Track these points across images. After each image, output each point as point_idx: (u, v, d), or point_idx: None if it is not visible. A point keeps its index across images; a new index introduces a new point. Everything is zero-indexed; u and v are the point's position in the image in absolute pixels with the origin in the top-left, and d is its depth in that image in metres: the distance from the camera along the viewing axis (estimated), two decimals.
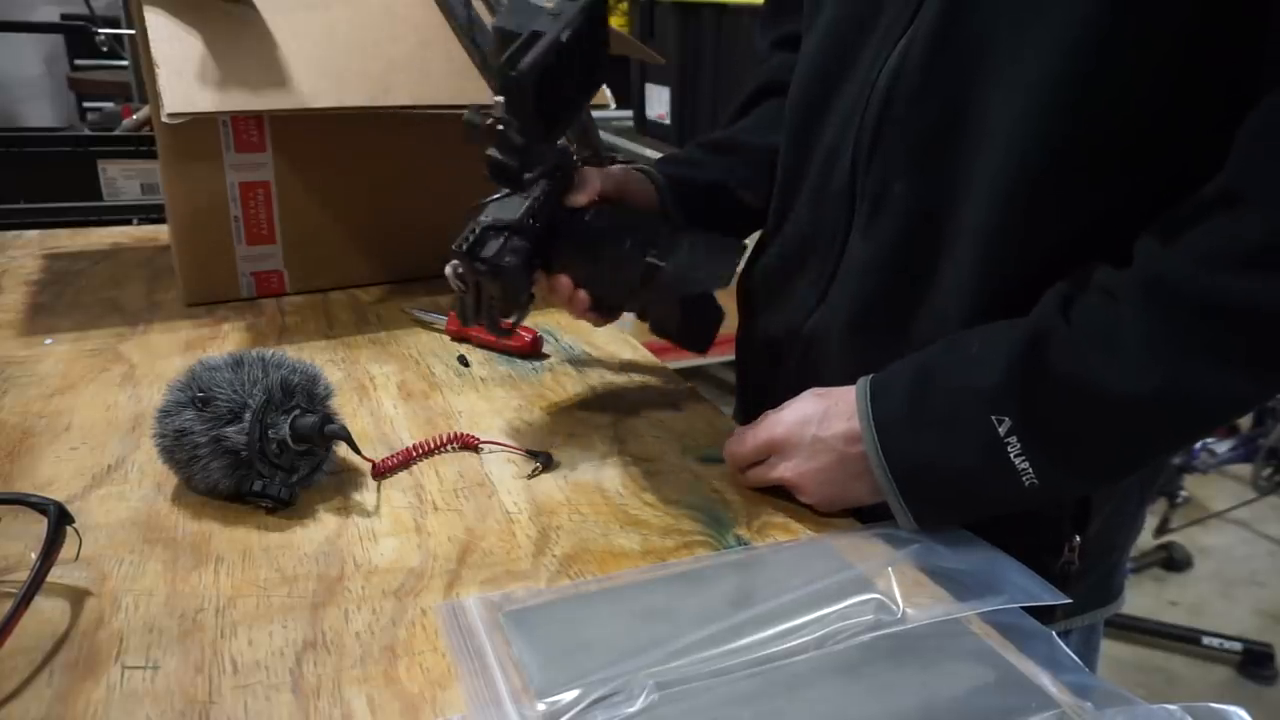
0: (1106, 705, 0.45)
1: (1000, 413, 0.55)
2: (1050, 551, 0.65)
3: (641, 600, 0.53)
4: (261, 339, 0.89)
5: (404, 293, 1.03)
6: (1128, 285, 0.54)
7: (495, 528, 0.60)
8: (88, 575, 0.54)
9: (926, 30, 0.60)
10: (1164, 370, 0.52)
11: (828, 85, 0.69)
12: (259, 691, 0.46)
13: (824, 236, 0.69)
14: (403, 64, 0.90)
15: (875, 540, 0.60)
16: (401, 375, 0.83)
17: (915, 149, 0.62)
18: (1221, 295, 0.50)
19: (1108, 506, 0.67)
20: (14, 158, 1.43)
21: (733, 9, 2.14)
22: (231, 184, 0.94)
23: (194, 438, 0.58)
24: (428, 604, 0.52)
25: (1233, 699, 0.97)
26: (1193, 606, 2.24)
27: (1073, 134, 0.56)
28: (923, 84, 0.61)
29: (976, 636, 0.51)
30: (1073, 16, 0.54)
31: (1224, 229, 0.51)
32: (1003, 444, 0.55)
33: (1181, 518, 2.48)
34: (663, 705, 0.44)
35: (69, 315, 0.92)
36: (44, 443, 0.68)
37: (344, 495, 0.63)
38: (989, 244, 0.59)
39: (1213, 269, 0.51)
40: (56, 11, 3.51)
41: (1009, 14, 0.56)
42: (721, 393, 2.81)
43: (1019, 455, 0.55)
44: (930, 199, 0.62)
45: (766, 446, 0.64)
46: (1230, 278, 0.50)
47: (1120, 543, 0.72)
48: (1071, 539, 0.65)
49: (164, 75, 0.81)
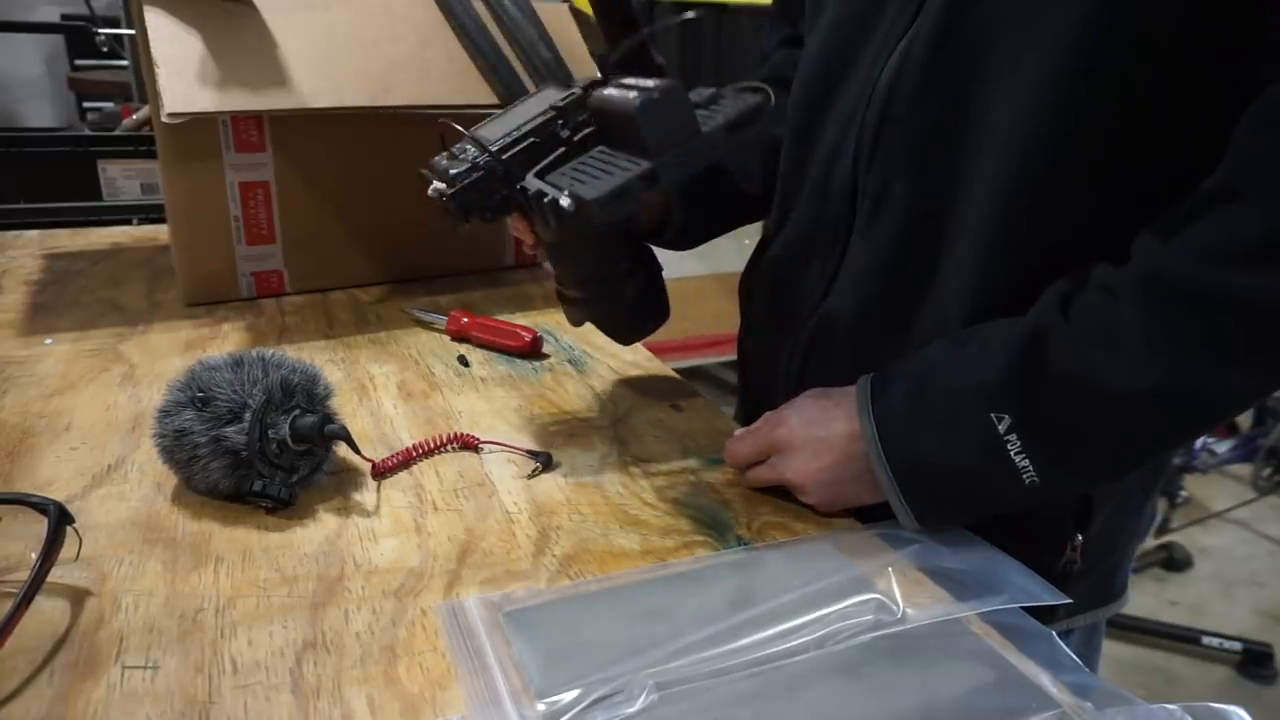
0: (1106, 705, 0.45)
1: (999, 411, 0.55)
2: (1052, 551, 0.65)
3: (641, 600, 0.53)
4: (261, 339, 0.89)
5: (404, 293, 1.03)
6: (1127, 282, 0.54)
7: (495, 528, 0.60)
8: (88, 575, 0.54)
9: (928, 29, 0.60)
10: (1164, 367, 0.52)
11: (830, 84, 0.69)
12: (259, 691, 0.46)
13: (826, 235, 0.69)
14: (403, 64, 0.90)
15: (875, 540, 0.60)
16: (401, 375, 0.83)
17: (916, 148, 0.62)
18: (1221, 291, 0.50)
19: (1109, 506, 0.67)
20: (14, 158, 1.43)
21: (733, 9, 2.14)
22: (231, 184, 0.94)
23: (194, 438, 0.58)
24: (428, 604, 0.52)
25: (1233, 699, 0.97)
26: (1193, 606, 2.24)
27: (1074, 133, 0.56)
28: (924, 83, 0.61)
29: (976, 636, 0.51)
30: (1074, 15, 0.54)
31: (1223, 225, 0.51)
32: (1002, 442, 0.55)
33: (1181, 518, 2.48)
34: (663, 705, 0.44)
35: (69, 315, 0.92)
36: (44, 443, 0.68)
37: (344, 495, 0.63)
38: (990, 243, 0.59)
39: (1212, 265, 0.51)
40: (56, 11, 3.51)
41: (1010, 12, 0.56)
42: (722, 393, 2.81)
43: (1019, 454, 0.55)
44: (931, 198, 0.62)
45: (768, 447, 0.64)
46: (1229, 274, 0.50)
47: (1123, 542, 0.72)
48: (1074, 538, 0.65)
49: (164, 75, 0.81)
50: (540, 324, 0.92)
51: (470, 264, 1.10)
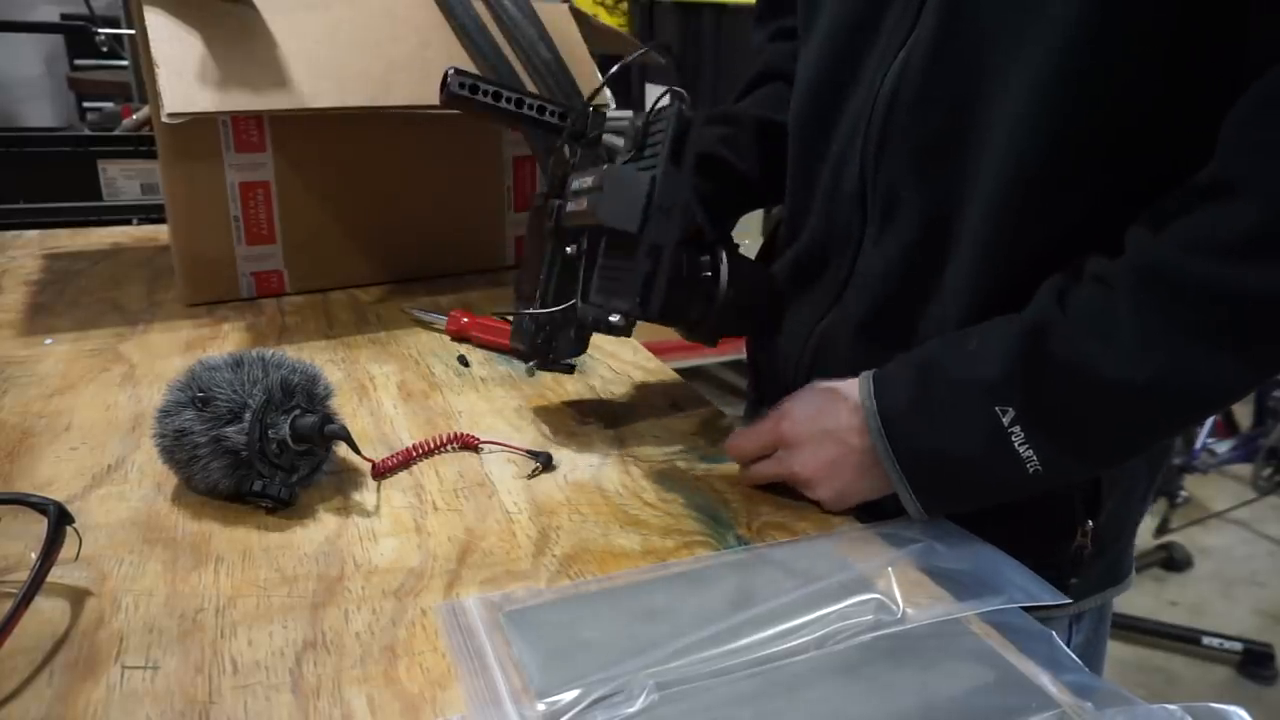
0: (1106, 705, 0.45)
1: (1003, 404, 0.56)
2: (1064, 537, 0.66)
3: (641, 600, 0.53)
4: (261, 339, 0.89)
5: (404, 293, 1.03)
6: (1121, 274, 0.54)
7: (495, 528, 0.60)
8: (88, 575, 0.54)
9: (927, 36, 0.60)
10: (1159, 359, 0.52)
11: (834, 94, 0.69)
12: (259, 691, 0.46)
13: (838, 242, 0.70)
14: (403, 64, 0.90)
15: (875, 540, 0.60)
16: (401, 375, 0.83)
17: (921, 155, 0.63)
18: (1214, 283, 0.51)
19: (1118, 491, 0.68)
20: (14, 158, 1.43)
21: (733, 9, 2.14)
22: (231, 184, 0.94)
23: (194, 438, 0.58)
24: (428, 604, 0.52)
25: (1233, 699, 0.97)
26: (1193, 606, 2.24)
27: (1065, 133, 0.56)
28: (925, 90, 0.61)
29: (976, 636, 0.51)
30: (1066, 15, 0.54)
31: (1214, 218, 0.51)
32: (1007, 434, 0.56)
33: (1181, 518, 2.48)
34: (663, 705, 0.44)
35: (69, 315, 0.92)
36: (44, 443, 0.68)
37: (344, 495, 0.63)
38: (985, 243, 0.60)
39: (1204, 257, 0.51)
40: (56, 11, 3.51)
41: (1005, 17, 0.57)
42: (722, 393, 2.81)
43: (1023, 444, 0.56)
44: (938, 204, 0.63)
45: (773, 441, 0.64)
46: (1221, 265, 0.51)
47: (1130, 526, 0.73)
48: (1084, 524, 0.66)
49: (164, 75, 0.81)
50: None
51: (470, 264, 1.10)
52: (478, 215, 1.10)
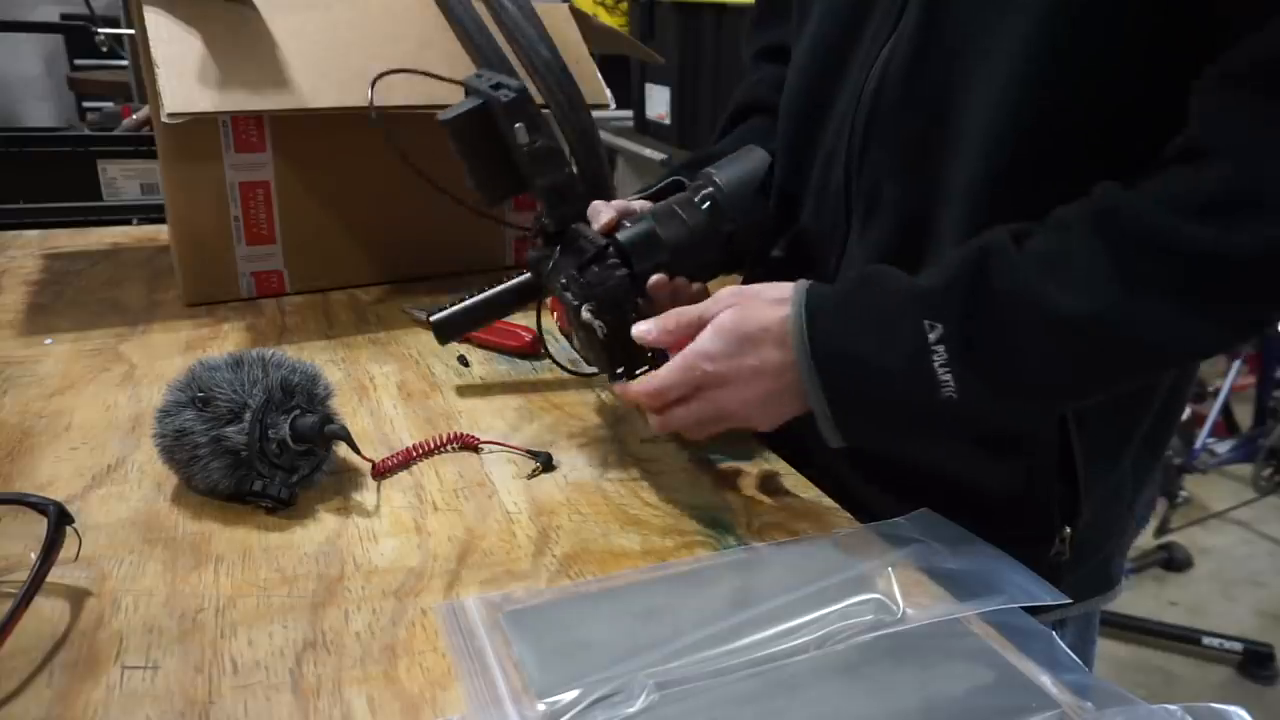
0: (1106, 705, 0.45)
1: (933, 318, 0.55)
2: (1040, 542, 0.66)
3: (641, 600, 0.53)
4: (261, 339, 0.89)
5: (404, 293, 1.03)
6: (1080, 215, 0.55)
7: (495, 528, 0.60)
8: (88, 575, 0.54)
9: (909, 34, 0.62)
10: (1104, 297, 0.52)
11: (822, 92, 0.70)
12: (259, 691, 0.46)
13: (825, 236, 0.71)
14: (403, 64, 0.90)
15: (875, 540, 0.60)
16: (401, 375, 0.83)
17: (903, 151, 0.64)
18: (1171, 236, 0.51)
19: (1097, 497, 0.67)
20: (14, 158, 1.43)
21: (733, 9, 2.14)
22: (231, 184, 0.94)
23: (194, 438, 0.58)
24: (428, 604, 0.52)
25: (1233, 699, 0.97)
26: (1193, 606, 2.24)
27: (1038, 128, 0.57)
28: (906, 88, 0.62)
29: (976, 636, 0.51)
30: (1039, 12, 0.55)
31: (1183, 177, 0.52)
32: (929, 350, 0.55)
33: (1181, 518, 2.48)
34: (663, 705, 0.44)
35: (69, 315, 0.92)
36: (44, 443, 0.68)
37: (344, 495, 0.63)
38: (961, 240, 0.60)
39: (1167, 211, 0.52)
40: (56, 11, 3.51)
41: (981, 16, 0.58)
42: None
43: (943, 366, 0.55)
44: (918, 201, 0.63)
45: (695, 386, 0.60)
46: (1183, 221, 0.51)
47: (1115, 534, 0.73)
48: (1062, 531, 0.66)
49: (164, 75, 0.81)
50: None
51: (470, 264, 1.10)
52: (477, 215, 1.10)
